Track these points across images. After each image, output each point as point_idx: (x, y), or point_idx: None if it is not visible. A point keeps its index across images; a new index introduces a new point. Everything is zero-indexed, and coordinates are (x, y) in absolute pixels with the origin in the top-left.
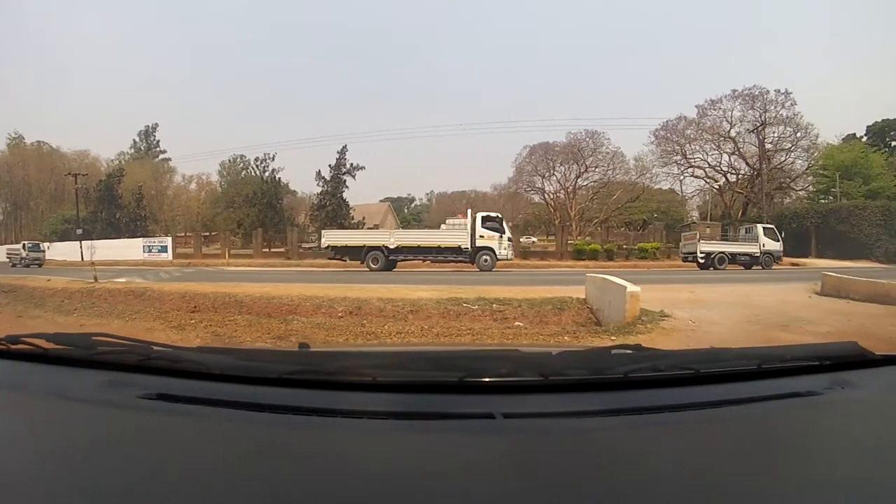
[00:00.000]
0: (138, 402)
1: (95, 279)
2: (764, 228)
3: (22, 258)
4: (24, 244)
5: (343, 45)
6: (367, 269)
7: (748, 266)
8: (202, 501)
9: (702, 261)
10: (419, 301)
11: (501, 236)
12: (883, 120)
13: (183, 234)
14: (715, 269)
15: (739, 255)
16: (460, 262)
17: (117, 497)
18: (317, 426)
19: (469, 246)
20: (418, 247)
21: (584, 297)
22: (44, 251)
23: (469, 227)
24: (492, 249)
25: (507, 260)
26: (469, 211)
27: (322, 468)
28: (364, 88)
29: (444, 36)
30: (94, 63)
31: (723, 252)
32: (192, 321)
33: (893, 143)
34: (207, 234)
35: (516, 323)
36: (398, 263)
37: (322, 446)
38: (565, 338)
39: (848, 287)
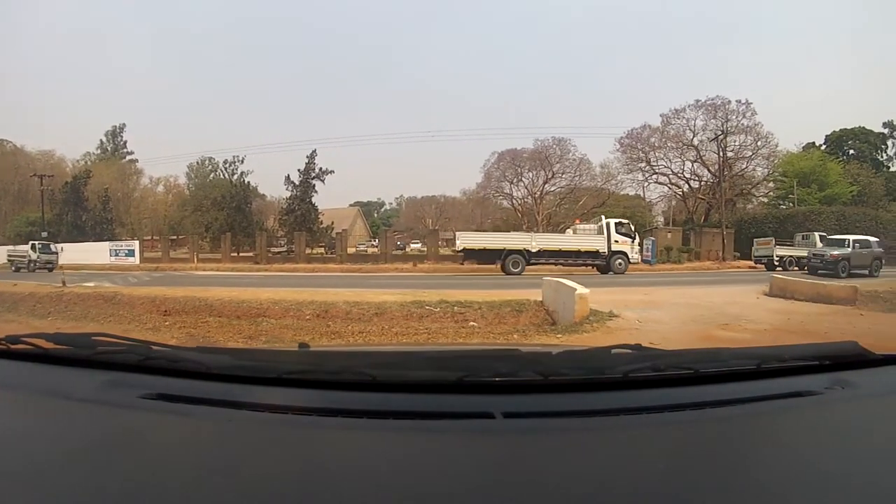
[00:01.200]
0: (138, 402)
1: (64, 283)
2: (820, 236)
3: (31, 261)
4: (32, 244)
5: (314, 49)
6: (504, 273)
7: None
8: (202, 501)
9: (776, 264)
10: (384, 304)
11: (633, 241)
12: (841, 129)
13: (150, 238)
14: (784, 270)
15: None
16: (591, 265)
17: (117, 497)
18: (317, 426)
19: (606, 250)
20: (559, 251)
21: (541, 299)
22: (56, 252)
23: (606, 232)
24: (625, 254)
25: (635, 263)
26: (603, 217)
27: (322, 468)
28: (334, 93)
29: (415, 42)
30: (59, 59)
31: (791, 256)
32: (167, 323)
33: (851, 152)
34: (175, 237)
35: (471, 323)
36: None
37: (322, 446)
38: (514, 336)
39: (793, 288)
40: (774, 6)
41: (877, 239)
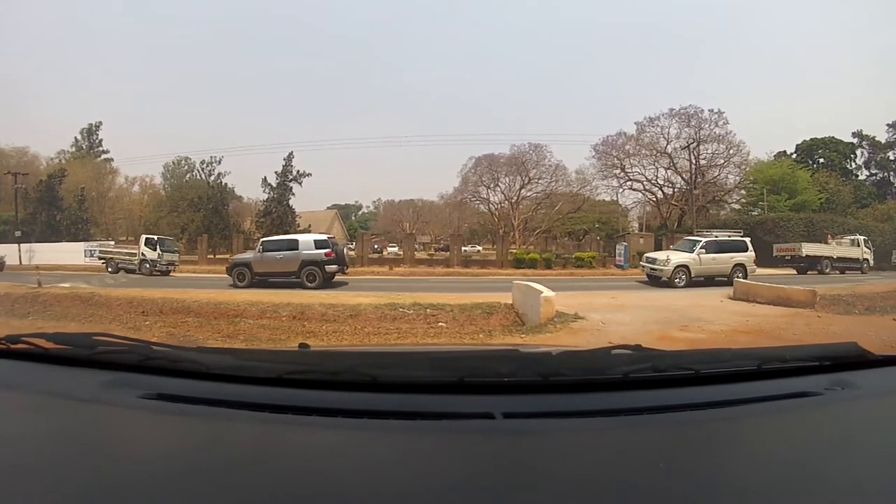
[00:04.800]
0: (138, 402)
1: (39, 284)
2: (862, 239)
3: (147, 262)
4: (148, 240)
5: (295, 51)
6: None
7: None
8: (202, 501)
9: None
10: (359, 306)
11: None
12: (811, 139)
13: (125, 238)
14: (821, 273)
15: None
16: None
17: (118, 497)
18: (317, 426)
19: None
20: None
21: (511, 301)
22: (177, 251)
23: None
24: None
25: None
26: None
27: (322, 468)
28: (314, 95)
29: (396, 46)
30: (33, 54)
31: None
32: (147, 323)
33: (821, 161)
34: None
35: (440, 323)
36: None
37: (322, 446)
38: (480, 336)
39: (755, 292)
40: (747, 20)
41: (741, 239)
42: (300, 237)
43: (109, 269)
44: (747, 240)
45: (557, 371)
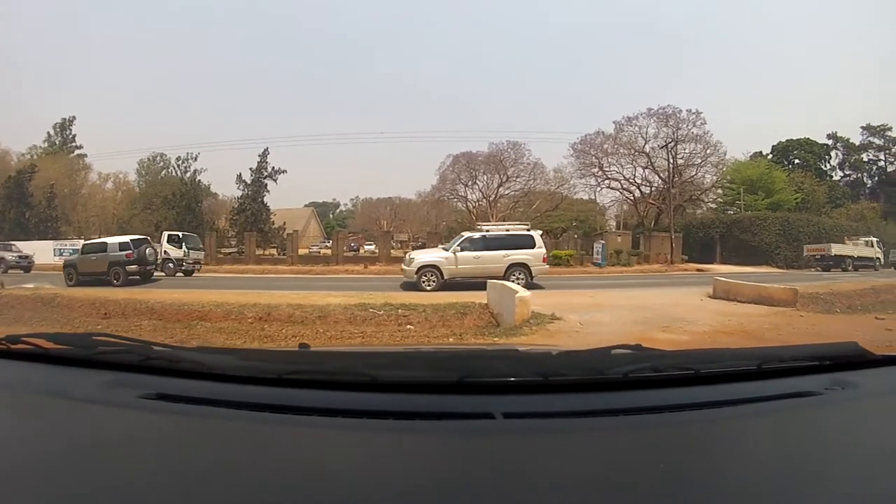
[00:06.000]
0: (138, 402)
1: (2, 285)
2: (875, 241)
3: (171, 261)
4: (171, 236)
5: (273, 46)
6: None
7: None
8: (202, 501)
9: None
10: (328, 307)
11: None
12: (787, 140)
13: (97, 237)
14: (844, 270)
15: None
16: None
17: (117, 497)
18: (317, 426)
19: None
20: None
21: (486, 301)
22: (203, 249)
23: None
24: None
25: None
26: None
27: (322, 468)
28: (292, 92)
29: (375, 43)
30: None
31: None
32: (98, 327)
33: (796, 161)
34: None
35: (407, 326)
36: None
37: (322, 446)
38: (450, 339)
39: (736, 290)
40: (726, 24)
41: (526, 233)
42: (109, 240)
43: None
44: (535, 234)
45: (557, 371)
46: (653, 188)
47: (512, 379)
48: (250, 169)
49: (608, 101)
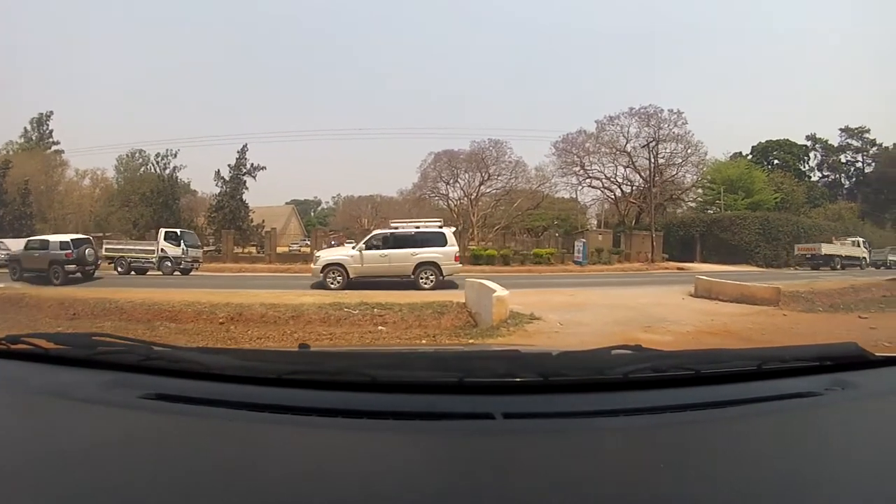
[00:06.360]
0: (138, 402)
1: None
2: (861, 241)
3: (168, 259)
4: (166, 232)
5: (252, 43)
6: None
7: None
8: (202, 501)
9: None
10: (302, 306)
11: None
12: (767, 141)
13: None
14: (833, 269)
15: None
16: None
17: (117, 497)
18: (317, 426)
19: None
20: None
21: (464, 300)
22: (201, 246)
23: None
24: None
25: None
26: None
27: (322, 468)
28: (273, 88)
29: (357, 38)
30: None
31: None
32: (61, 328)
33: (775, 162)
34: (102, 235)
35: (379, 327)
36: None
37: (322, 446)
38: (423, 341)
39: (718, 289)
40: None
41: (438, 231)
42: (51, 238)
43: (119, 270)
44: (447, 231)
45: (557, 371)
46: (634, 187)
47: (512, 379)
48: (229, 166)
49: (590, 101)
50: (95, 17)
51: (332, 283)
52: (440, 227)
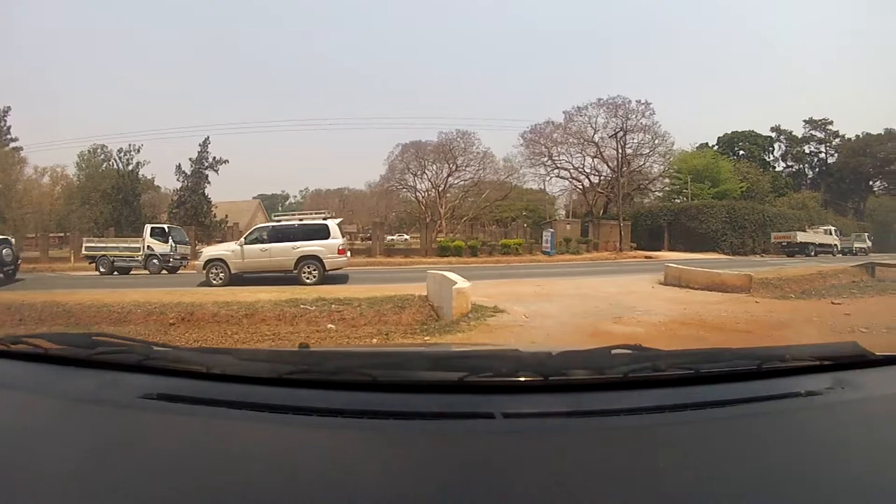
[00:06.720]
0: (138, 402)
1: None
2: (833, 229)
3: (155, 257)
4: (152, 228)
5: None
6: None
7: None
8: (202, 501)
9: (812, 252)
10: (256, 304)
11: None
12: (732, 132)
13: (34, 235)
14: (808, 256)
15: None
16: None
17: (117, 497)
18: (317, 426)
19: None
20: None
21: (426, 293)
22: (189, 242)
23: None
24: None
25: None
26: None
27: (322, 468)
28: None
29: (323, 28)
30: None
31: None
32: (10, 332)
33: (741, 153)
34: (62, 234)
35: (328, 325)
36: None
37: (322, 446)
38: (374, 340)
39: (688, 277)
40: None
41: (321, 223)
42: None
43: (102, 270)
44: (331, 223)
45: (557, 371)
46: (602, 177)
47: (512, 379)
48: (190, 159)
49: (559, 91)
50: (54, 7)
51: (214, 280)
52: (325, 218)
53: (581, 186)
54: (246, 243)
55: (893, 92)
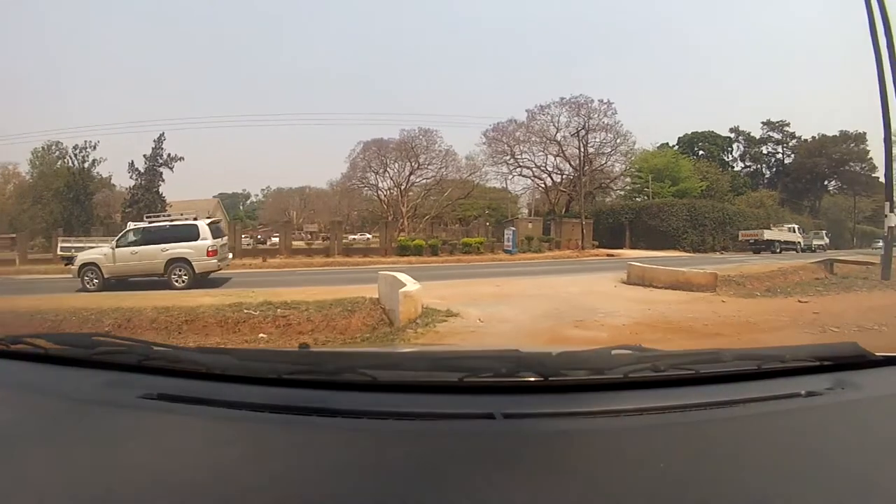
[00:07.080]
0: (138, 402)
1: None
2: (796, 227)
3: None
4: (145, 218)
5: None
6: None
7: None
8: (202, 501)
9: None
10: (198, 309)
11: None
12: (692, 132)
13: None
14: (774, 252)
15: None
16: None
17: (118, 497)
18: (317, 426)
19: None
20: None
21: (378, 296)
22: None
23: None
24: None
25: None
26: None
27: (322, 468)
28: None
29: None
30: None
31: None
32: None
33: (701, 152)
34: (14, 234)
35: (260, 335)
36: None
37: (322, 446)
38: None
39: (651, 276)
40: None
41: (191, 223)
42: None
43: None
44: (201, 224)
45: (557, 371)
46: (564, 176)
47: (512, 379)
48: (144, 156)
49: (520, 90)
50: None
51: (88, 285)
52: (195, 219)
53: (543, 185)
54: (117, 246)
55: (848, 95)
